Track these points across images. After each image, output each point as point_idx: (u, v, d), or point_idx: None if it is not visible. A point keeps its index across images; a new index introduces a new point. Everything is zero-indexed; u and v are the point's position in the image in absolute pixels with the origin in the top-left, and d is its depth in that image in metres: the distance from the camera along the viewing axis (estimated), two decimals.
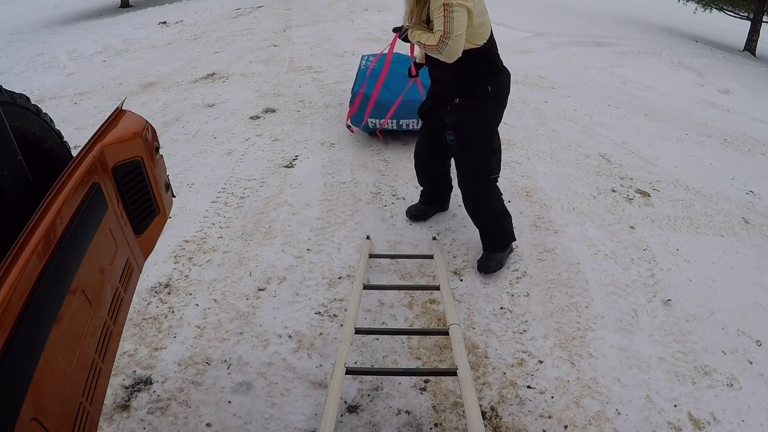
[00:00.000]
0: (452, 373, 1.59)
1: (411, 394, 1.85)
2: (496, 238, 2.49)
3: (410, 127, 3.57)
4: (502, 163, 2.52)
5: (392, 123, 3.57)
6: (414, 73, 2.64)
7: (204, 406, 1.81)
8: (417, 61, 2.65)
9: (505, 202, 2.54)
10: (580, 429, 1.76)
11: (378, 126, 3.57)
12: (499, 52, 2.28)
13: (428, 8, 2.12)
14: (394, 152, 3.66)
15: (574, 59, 6.67)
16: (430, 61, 2.35)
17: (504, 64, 2.32)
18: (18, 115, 1.34)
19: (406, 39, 2.32)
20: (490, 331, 2.14)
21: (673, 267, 2.60)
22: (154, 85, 5.64)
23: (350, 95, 3.73)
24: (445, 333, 1.79)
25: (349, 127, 3.81)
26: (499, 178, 2.49)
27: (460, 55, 2.08)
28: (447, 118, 2.36)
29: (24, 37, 9.66)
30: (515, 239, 2.56)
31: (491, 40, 2.23)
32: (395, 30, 2.45)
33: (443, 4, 1.98)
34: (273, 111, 4.58)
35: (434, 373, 1.89)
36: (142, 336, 2.10)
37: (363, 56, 4.20)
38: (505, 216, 2.49)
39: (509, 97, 2.38)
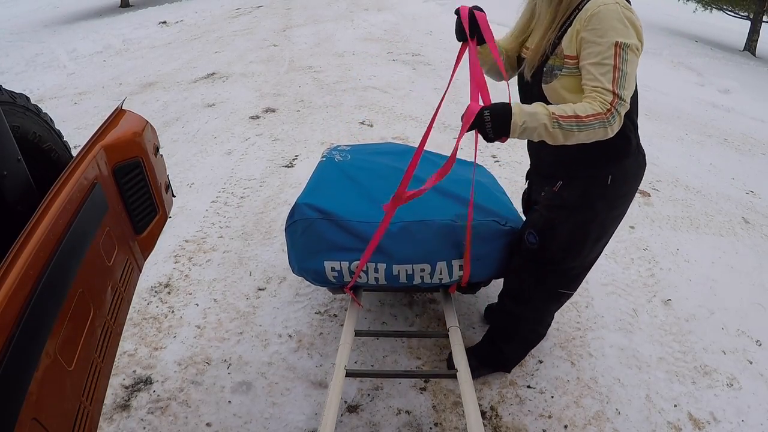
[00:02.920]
0: (452, 375, 1.59)
1: (411, 394, 1.85)
2: (500, 350, 1.86)
3: (417, 281, 1.72)
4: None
5: (374, 272, 1.71)
6: (469, 34, 1.42)
7: (204, 406, 1.81)
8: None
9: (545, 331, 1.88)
10: (580, 429, 1.76)
11: (343, 277, 1.73)
12: (635, 117, 1.45)
13: (563, 35, 1.32)
14: None
15: None
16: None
17: (640, 144, 1.50)
18: (18, 115, 1.34)
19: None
20: None
21: (673, 267, 2.61)
22: (154, 85, 5.64)
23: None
24: (445, 335, 1.79)
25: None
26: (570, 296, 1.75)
27: None
28: (536, 207, 1.63)
29: (24, 37, 9.66)
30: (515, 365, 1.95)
31: (635, 97, 1.40)
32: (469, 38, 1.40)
33: (615, 42, 1.21)
34: (273, 111, 4.59)
35: (434, 375, 1.89)
36: (142, 336, 2.10)
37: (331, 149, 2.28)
38: (530, 346, 1.90)
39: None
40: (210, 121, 4.41)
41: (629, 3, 1.29)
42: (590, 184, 1.47)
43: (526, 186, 1.78)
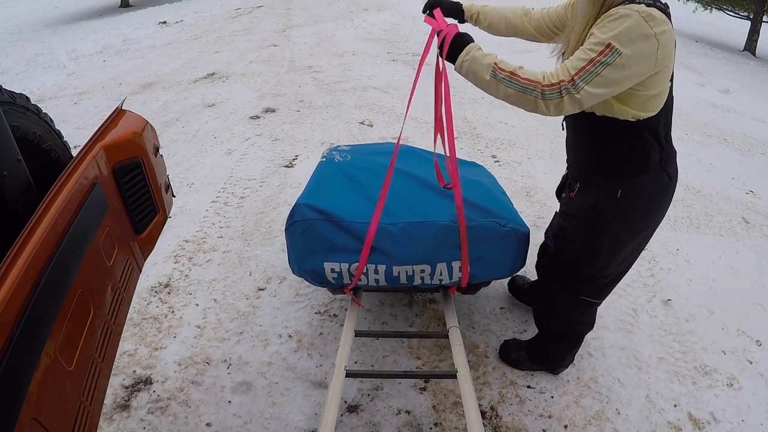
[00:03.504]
0: (452, 375, 1.59)
1: (411, 394, 1.85)
2: (545, 348, 1.91)
3: (417, 282, 1.73)
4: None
5: (374, 273, 1.71)
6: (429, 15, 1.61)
7: (204, 406, 1.81)
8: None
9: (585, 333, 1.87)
10: (580, 429, 1.76)
11: (343, 279, 1.73)
12: (662, 133, 1.45)
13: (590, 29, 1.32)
14: None
15: None
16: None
17: (669, 161, 1.49)
18: (18, 115, 1.34)
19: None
20: (490, 331, 2.14)
21: (673, 267, 2.61)
22: (154, 85, 5.64)
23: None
24: (445, 336, 1.79)
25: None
26: (598, 306, 1.79)
27: (566, 114, 1.29)
28: (556, 212, 1.72)
29: (24, 36, 9.66)
30: (562, 368, 1.95)
31: (662, 114, 1.41)
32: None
33: (609, 43, 1.18)
34: (273, 111, 4.59)
35: (434, 375, 1.89)
36: (142, 336, 2.10)
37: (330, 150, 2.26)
38: (574, 344, 1.88)
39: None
40: (210, 121, 4.40)
41: (668, 18, 1.24)
42: (601, 195, 1.48)
43: (566, 171, 1.79)
